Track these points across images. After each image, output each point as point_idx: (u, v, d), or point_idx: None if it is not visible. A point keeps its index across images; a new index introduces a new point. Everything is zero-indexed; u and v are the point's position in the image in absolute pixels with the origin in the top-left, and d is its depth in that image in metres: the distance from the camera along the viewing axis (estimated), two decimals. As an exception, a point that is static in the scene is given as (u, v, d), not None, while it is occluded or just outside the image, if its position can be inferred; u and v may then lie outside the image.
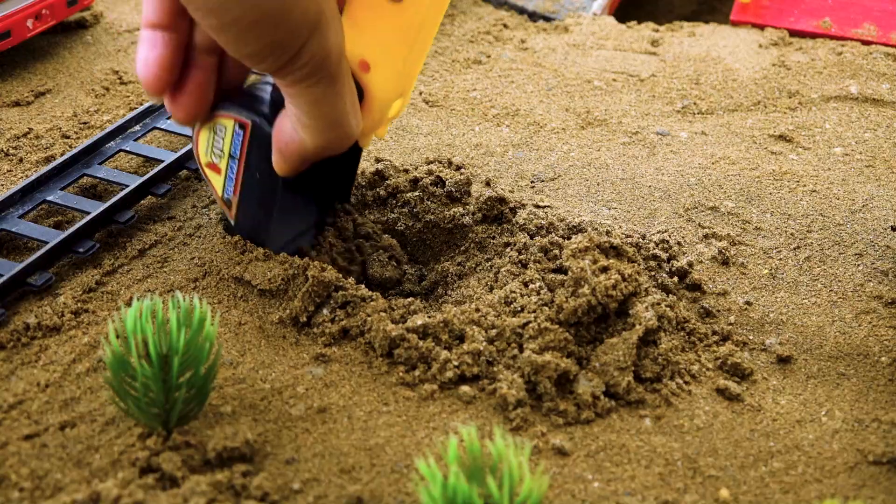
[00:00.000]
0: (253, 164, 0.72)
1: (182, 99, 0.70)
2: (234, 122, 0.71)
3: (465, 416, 0.65)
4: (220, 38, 0.60)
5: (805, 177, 0.94)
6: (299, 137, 0.66)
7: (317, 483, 0.60)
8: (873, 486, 0.62)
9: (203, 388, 0.61)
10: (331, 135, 0.65)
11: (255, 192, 0.73)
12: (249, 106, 0.71)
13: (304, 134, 0.66)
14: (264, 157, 0.71)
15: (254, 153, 0.71)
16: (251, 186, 0.73)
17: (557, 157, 0.96)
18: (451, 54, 1.18)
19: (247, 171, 0.73)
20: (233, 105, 0.71)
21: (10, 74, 1.07)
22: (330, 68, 0.62)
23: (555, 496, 0.60)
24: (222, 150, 0.73)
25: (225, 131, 0.72)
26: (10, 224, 0.79)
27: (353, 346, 0.70)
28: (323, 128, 0.65)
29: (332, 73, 0.62)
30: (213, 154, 0.73)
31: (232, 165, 0.73)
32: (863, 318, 0.76)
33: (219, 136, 0.72)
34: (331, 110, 0.64)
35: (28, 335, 0.70)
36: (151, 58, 0.68)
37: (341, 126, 0.65)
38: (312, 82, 0.62)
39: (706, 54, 1.19)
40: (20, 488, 0.58)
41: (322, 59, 0.61)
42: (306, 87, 0.62)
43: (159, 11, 0.67)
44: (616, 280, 0.69)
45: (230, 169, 0.73)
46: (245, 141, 0.71)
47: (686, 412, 0.67)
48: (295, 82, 0.62)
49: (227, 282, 0.75)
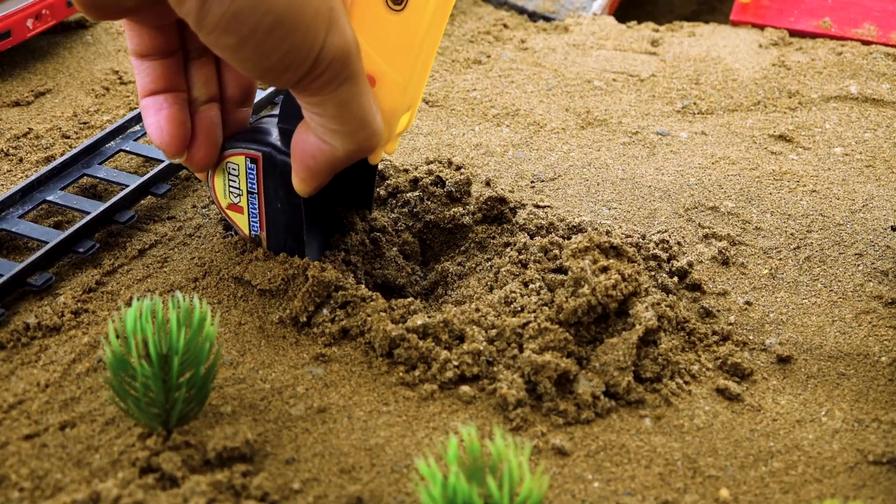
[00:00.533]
0: (272, 194, 0.72)
1: (195, 151, 0.71)
2: (245, 158, 0.71)
3: (465, 416, 0.65)
4: (239, 57, 0.58)
5: (805, 177, 0.94)
6: (329, 147, 0.64)
7: (317, 483, 0.60)
8: (873, 486, 0.62)
9: (203, 388, 0.61)
10: (362, 135, 0.64)
11: (280, 221, 0.73)
12: (256, 139, 0.71)
13: (334, 141, 0.64)
14: (281, 184, 0.70)
15: (270, 183, 0.71)
16: (275, 216, 0.73)
17: (557, 157, 0.96)
18: (451, 54, 1.18)
19: (267, 202, 0.72)
20: (239, 143, 0.71)
21: (10, 74, 1.07)
22: (352, 66, 0.60)
23: (555, 496, 0.60)
24: (239, 188, 0.73)
25: (238, 169, 0.72)
26: (10, 224, 0.79)
27: (353, 346, 0.70)
28: (354, 129, 0.63)
29: (355, 71, 0.61)
30: (232, 195, 0.73)
31: (252, 201, 0.73)
32: (863, 318, 0.76)
33: (232, 175, 0.72)
34: (359, 109, 0.63)
35: (28, 335, 0.70)
36: (162, 120, 0.69)
37: (371, 124, 0.64)
38: (337, 84, 0.61)
39: (706, 54, 1.19)
40: (20, 488, 0.58)
41: (343, 56, 0.60)
42: (332, 90, 0.61)
43: (155, 79, 0.68)
44: (616, 280, 0.69)
45: (251, 205, 0.73)
46: (259, 173, 0.71)
47: (686, 412, 0.67)
48: (320, 89, 0.60)
49: (227, 282, 0.75)
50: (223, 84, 0.73)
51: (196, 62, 0.71)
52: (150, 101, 0.69)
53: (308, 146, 0.65)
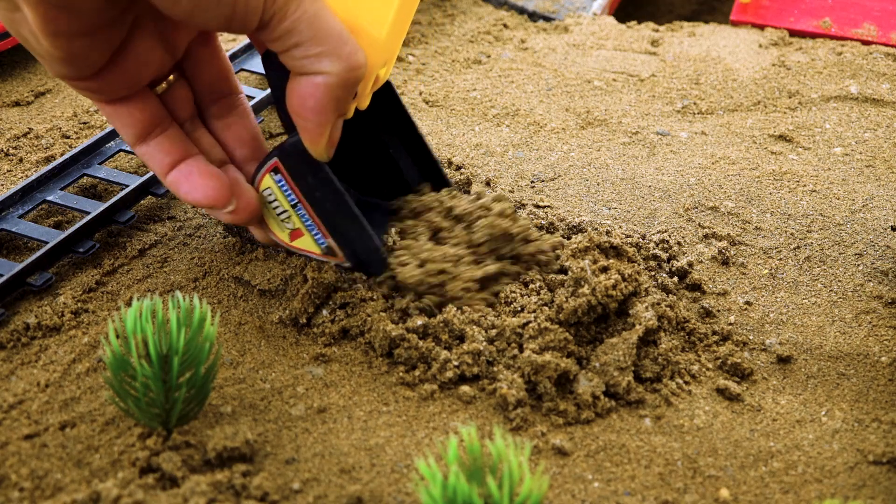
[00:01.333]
0: (310, 192, 0.68)
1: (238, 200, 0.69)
2: (269, 174, 0.68)
3: (465, 416, 0.65)
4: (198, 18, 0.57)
5: (805, 177, 0.94)
6: (321, 77, 0.61)
7: (317, 483, 0.60)
8: (873, 486, 0.62)
9: (203, 388, 0.61)
10: (346, 49, 0.61)
11: (334, 215, 0.69)
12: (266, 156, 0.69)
13: (322, 67, 0.61)
14: (306, 171, 0.68)
15: (299, 178, 0.68)
16: (327, 214, 0.69)
17: (557, 157, 0.96)
18: (451, 54, 1.18)
19: (313, 204, 0.69)
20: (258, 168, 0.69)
21: (10, 74, 1.07)
22: None
23: (555, 496, 0.60)
24: (284, 209, 0.70)
25: (271, 191, 0.69)
26: (10, 224, 0.79)
27: (353, 346, 0.70)
28: (336, 45, 0.61)
29: None
30: (284, 223, 0.70)
31: (302, 213, 0.69)
32: (863, 318, 0.76)
33: (271, 200, 0.70)
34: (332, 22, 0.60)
35: (28, 335, 0.70)
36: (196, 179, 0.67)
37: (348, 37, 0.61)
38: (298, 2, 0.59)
39: (706, 54, 1.19)
40: (20, 488, 0.58)
41: None
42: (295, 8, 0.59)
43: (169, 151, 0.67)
44: (616, 280, 0.69)
45: (303, 218, 0.70)
46: (287, 178, 0.68)
47: (686, 412, 0.67)
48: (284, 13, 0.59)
49: (227, 282, 0.75)
50: (228, 148, 0.72)
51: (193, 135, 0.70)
52: (174, 174, 0.67)
53: (301, 90, 0.62)
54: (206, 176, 0.67)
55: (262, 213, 0.71)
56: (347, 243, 0.70)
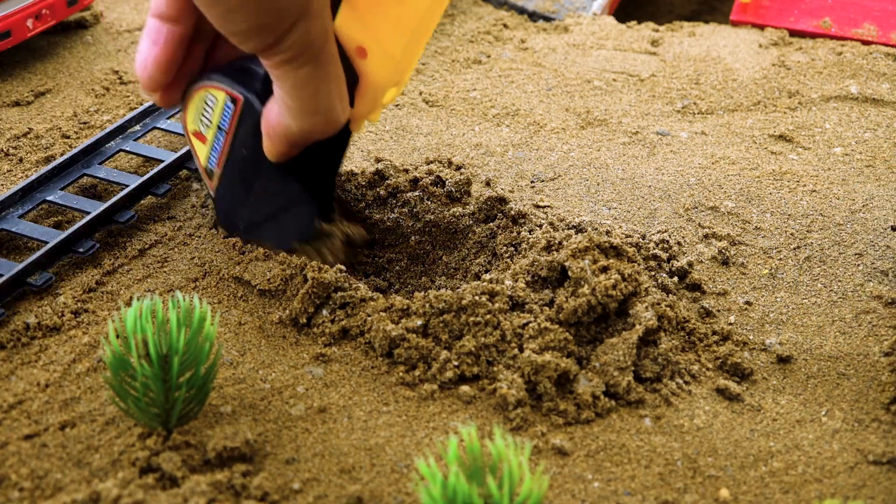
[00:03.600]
0: (240, 139, 0.72)
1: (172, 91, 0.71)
2: (226, 96, 0.71)
3: (465, 416, 0.65)
4: (208, 13, 0.60)
5: (805, 177, 0.94)
6: (285, 122, 0.66)
7: (317, 483, 0.60)
8: (873, 486, 0.62)
9: (203, 388, 0.61)
10: (315, 119, 0.66)
11: (238, 167, 0.73)
12: (242, 81, 0.70)
13: (289, 118, 0.66)
14: (252, 133, 0.70)
15: (242, 129, 0.71)
16: (236, 161, 0.73)
17: (557, 157, 0.96)
18: (451, 54, 1.18)
19: (233, 145, 0.72)
20: (225, 77, 0.71)
21: (10, 74, 1.07)
22: (313, 51, 0.62)
23: (555, 496, 0.60)
24: (211, 120, 0.72)
25: (215, 103, 0.71)
26: (10, 224, 0.79)
27: (353, 346, 0.70)
28: (307, 111, 0.65)
29: (316, 56, 0.63)
30: (201, 123, 0.73)
31: (219, 137, 0.73)
32: (863, 318, 0.76)
33: (209, 106, 0.72)
34: (314, 94, 0.64)
35: (28, 335, 0.70)
36: (150, 57, 0.69)
37: (326, 111, 0.66)
38: (297, 65, 0.63)
39: (706, 54, 1.19)
40: (20, 488, 0.58)
41: (306, 43, 0.62)
42: (291, 69, 0.63)
43: (171, 3, 0.68)
44: (616, 280, 0.69)
45: (217, 140, 0.73)
46: (235, 116, 0.71)
47: (686, 412, 0.67)
48: (279, 64, 0.63)
49: (227, 282, 0.75)
50: None
51: None
52: (153, 24, 0.69)
53: (270, 116, 0.68)
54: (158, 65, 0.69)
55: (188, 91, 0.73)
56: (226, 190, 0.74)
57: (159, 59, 0.69)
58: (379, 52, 0.66)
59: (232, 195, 0.75)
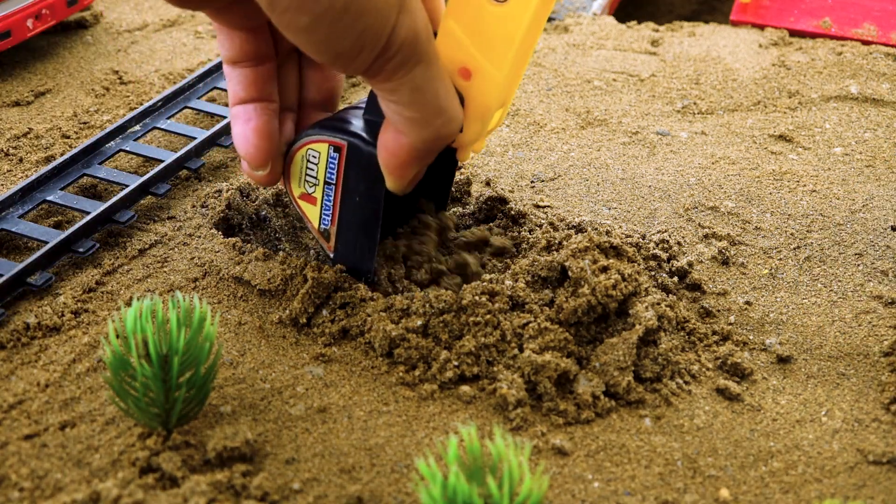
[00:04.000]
0: (351, 187, 0.68)
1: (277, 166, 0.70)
2: (328, 146, 0.68)
3: (465, 416, 0.65)
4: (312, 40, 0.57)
5: (805, 177, 0.94)
6: (407, 140, 0.63)
7: (317, 483, 0.60)
8: (873, 486, 0.62)
9: (203, 388, 0.61)
10: (438, 121, 0.62)
11: (356, 218, 0.70)
12: (342, 129, 0.68)
13: (411, 132, 0.63)
14: (363, 178, 0.67)
15: (352, 175, 0.68)
16: (351, 212, 0.70)
17: (557, 157, 0.96)
18: (451, 54, 1.18)
19: (345, 195, 0.69)
20: (325, 130, 0.68)
21: (10, 74, 1.07)
22: (422, 47, 0.59)
23: (555, 496, 0.60)
24: (316, 177, 0.69)
25: (318, 158, 0.69)
26: (10, 224, 0.79)
27: (353, 346, 0.70)
28: (429, 115, 0.62)
29: (427, 52, 0.60)
30: (307, 184, 0.70)
31: (328, 192, 0.69)
32: (863, 318, 0.76)
33: (312, 163, 0.69)
34: (433, 94, 0.61)
35: (28, 335, 0.70)
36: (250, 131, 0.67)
37: (447, 110, 0.62)
38: (409, 67, 0.59)
39: (706, 54, 1.19)
40: (20, 488, 0.58)
41: (413, 39, 0.59)
42: (404, 74, 0.60)
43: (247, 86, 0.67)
44: (616, 280, 0.69)
45: (326, 197, 0.70)
46: (341, 163, 0.68)
47: (686, 412, 0.67)
48: (392, 73, 0.60)
49: (227, 282, 0.75)
50: (305, 86, 0.72)
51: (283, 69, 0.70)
52: (239, 109, 0.68)
53: (389, 143, 0.64)
54: (260, 134, 0.67)
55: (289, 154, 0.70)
56: (346, 244, 0.71)
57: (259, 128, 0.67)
58: (484, 72, 0.63)
59: (353, 248, 0.71)
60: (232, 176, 0.90)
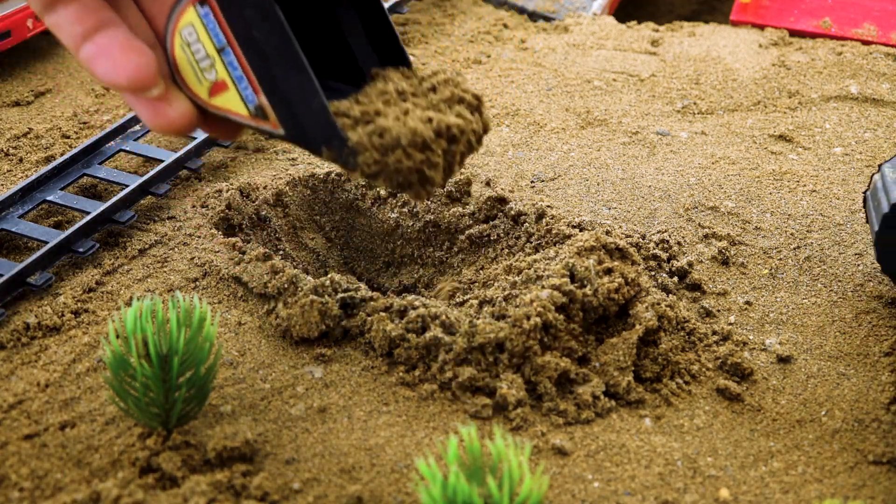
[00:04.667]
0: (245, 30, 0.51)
1: None
2: (193, 6, 0.52)
3: (465, 417, 0.65)
4: None
5: (805, 177, 0.94)
6: None
7: (317, 483, 0.60)
8: (873, 486, 0.62)
9: (203, 388, 0.61)
10: None
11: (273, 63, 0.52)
12: None
13: None
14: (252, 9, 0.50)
15: (236, 17, 0.51)
16: (264, 61, 0.52)
17: (557, 157, 0.96)
18: (451, 54, 1.18)
19: (246, 46, 0.52)
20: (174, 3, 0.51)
21: (10, 74, 1.07)
22: None
23: (555, 496, 0.60)
24: (208, 53, 0.53)
25: (195, 29, 0.52)
26: (10, 224, 0.79)
27: (353, 346, 0.70)
28: None
29: None
30: (204, 71, 0.53)
31: (230, 61, 0.52)
32: (863, 318, 0.76)
33: (193, 43, 0.53)
34: None
35: (28, 335, 0.70)
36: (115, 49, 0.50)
37: None
38: None
39: (706, 54, 1.19)
40: (20, 488, 0.58)
41: None
42: None
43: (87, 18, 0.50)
44: (619, 283, 0.69)
45: (231, 67, 0.53)
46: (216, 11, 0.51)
47: (686, 412, 0.67)
48: None
49: (227, 282, 0.75)
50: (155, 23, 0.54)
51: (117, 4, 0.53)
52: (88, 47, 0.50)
53: None
54: (129, 50, 0.51)
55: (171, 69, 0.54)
56: (285, 102, 0.53)
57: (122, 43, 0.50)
58: None
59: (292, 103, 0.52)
60: (232, 176, 0.90)
